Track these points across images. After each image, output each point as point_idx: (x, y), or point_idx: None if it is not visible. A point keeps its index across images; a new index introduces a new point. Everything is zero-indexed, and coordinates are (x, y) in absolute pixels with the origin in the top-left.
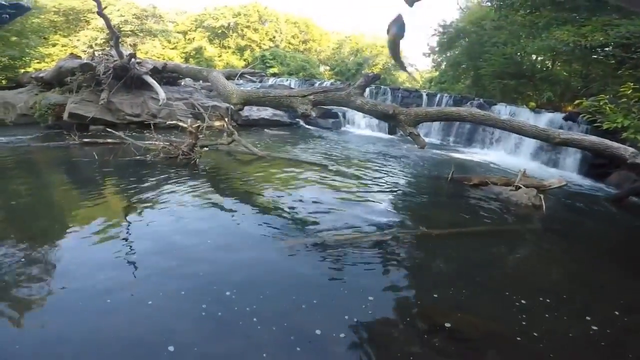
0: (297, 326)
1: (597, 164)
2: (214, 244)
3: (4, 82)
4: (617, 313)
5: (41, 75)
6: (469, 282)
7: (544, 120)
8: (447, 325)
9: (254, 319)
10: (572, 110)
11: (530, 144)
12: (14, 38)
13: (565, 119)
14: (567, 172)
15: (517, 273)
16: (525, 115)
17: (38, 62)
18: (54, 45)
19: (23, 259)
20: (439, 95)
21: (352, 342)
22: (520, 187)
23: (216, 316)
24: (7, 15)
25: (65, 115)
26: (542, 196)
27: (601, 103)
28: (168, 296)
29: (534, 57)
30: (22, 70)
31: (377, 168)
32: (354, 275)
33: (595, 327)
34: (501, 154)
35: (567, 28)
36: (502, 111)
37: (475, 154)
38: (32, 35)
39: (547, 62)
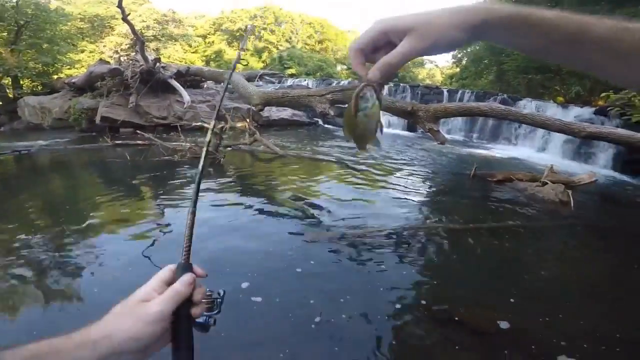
0: (313, 316)
1: (633, 159)
2: (237, 236)
3: (39, 88)
4: None
5: (73, 80)
6: (490, 277)
7: (572, 115)
8: (465, 319)
9: (271, 307)
10: (603, 105)
11: (558, 139)
12: (45, 45)
13: (596, 113)
14: (599, 169)
15: (541, 270)
16: (552, 111)
17: (69, 68)
18: (82, 51)
19: (58, 252)
20: (460, 92)
21: (366, 332)
22: (547, 183)
23: (233, 303)
24: None
25: (97, 119)
26: (570, 192)
27: (629, 96)
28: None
29: None
30: (56, 76)
31: (397, 165)
32: (373, 268)
33: (622, 328)
34: (528, 150)
35: None
36: (528, 106)
37: (500, 151)
38: (62, 42)
39: None
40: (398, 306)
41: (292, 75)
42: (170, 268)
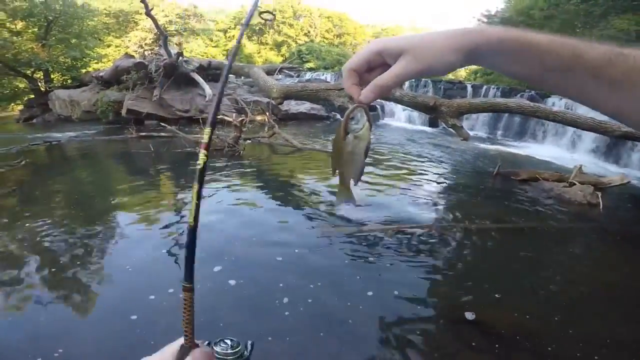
0: (323, 310)
1: None
2: (252, 227)
3: (69, 81)
4: None
5: (101, 74)
6: (509, 279)
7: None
8: (480, 319)
9: (282, 298)
10: None
11: (589, 139)
12: (74, 40)
13: None
14: (632, 170)
15: (563, 273)
16: (584, 109)
17: (96, 63)
18: (108, 46)
19: (84, 239)
20: (485, 87)
21: (378, 331)
22: (574, 184)
23: (245, 292)
24: None
25: (123, 112)
26: (599, 194)
27: None
28: (208, 278)
29: None
30: (84, 70)
31: (417, 161)
32: (387, 264)
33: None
34: (556, 149)
35: (627, 17)
36: (557, 104)
37: (526, 149)
38: (89, 37)
39: None
40: (410, 303)
41: (310, 69)
42: (172, 351)
